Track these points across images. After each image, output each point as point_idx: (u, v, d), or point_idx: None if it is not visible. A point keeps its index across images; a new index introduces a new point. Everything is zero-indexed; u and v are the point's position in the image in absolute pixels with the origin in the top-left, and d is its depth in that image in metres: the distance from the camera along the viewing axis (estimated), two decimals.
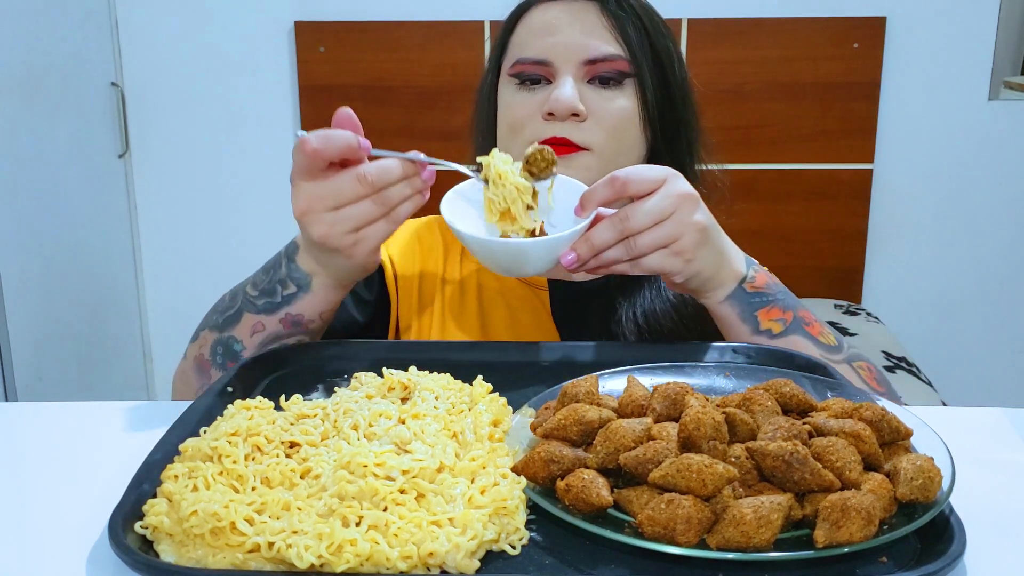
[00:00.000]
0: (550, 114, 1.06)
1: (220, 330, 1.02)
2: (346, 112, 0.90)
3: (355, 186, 0.86)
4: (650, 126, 1.10)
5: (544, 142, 1.03)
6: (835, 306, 2.66)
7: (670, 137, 1.12)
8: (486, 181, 0.94)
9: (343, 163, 0.88)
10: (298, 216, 0.88)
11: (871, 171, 2.68)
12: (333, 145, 0.86)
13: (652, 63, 1.09)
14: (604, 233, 0.89)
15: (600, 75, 1.07)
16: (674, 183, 0.90)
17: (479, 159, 0.95)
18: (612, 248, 0.90)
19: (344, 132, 0.87)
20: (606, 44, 1.07)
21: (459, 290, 1.17)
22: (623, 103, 1.08)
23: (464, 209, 0.94)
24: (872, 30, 2.59)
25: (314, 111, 2.69)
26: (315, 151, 0.85)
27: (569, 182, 0.96)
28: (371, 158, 0.89)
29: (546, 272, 0.93)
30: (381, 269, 1.16)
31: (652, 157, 1.12)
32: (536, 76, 1.08)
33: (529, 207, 0.94)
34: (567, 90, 1.05)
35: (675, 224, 0.89)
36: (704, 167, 1.19)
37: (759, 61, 2.62)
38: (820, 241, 2.73)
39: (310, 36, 2.64)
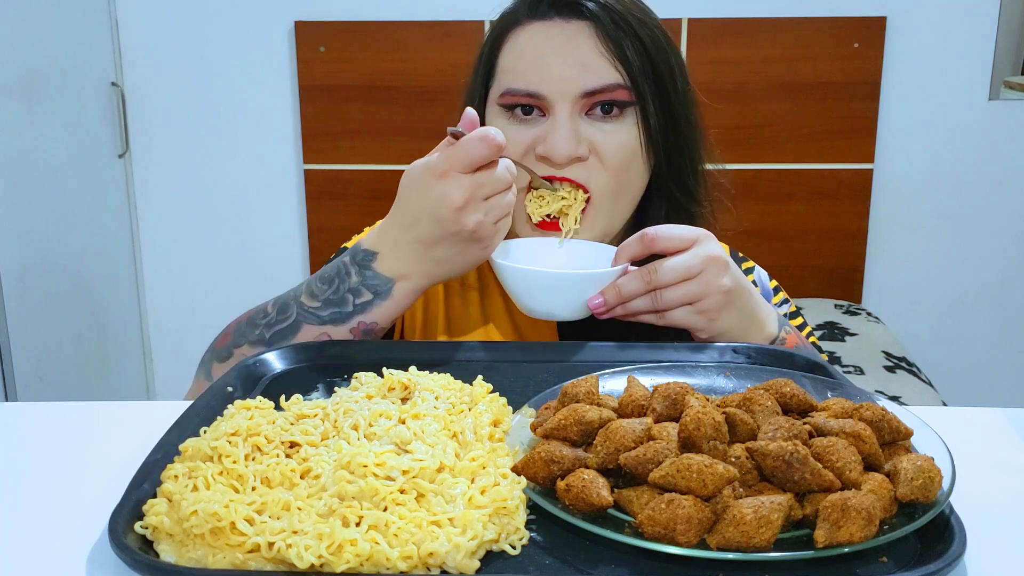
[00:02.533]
0: (544, 156, 1.02)
1: (269, 343, 0.97)
2: (473, 113, 0.93)
3: (506, 177, 0.90)
4: (653, 152, 1.05)
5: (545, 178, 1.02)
6: (835, 306, 2.66)
7: (673, 158, 1.07)
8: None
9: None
10: (456, 208, 0.89)
11: (871, 171, 2.68)
12: (499, 140, 0.89)
13: (654, 86, 1.03)
14: (632, 283, 0.92)
15: (600, 105, 1.02)
16: (705, 244, 0.92)
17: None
18: (639, 299, 0.93)
19: (493, 131, 0.89)
20: (604, 72, 1.00)
21: (462, 302, 1.17)
22: (625, 137, 1.02)
23: (503, 249, 1.00)
24: (872, 30, 2.59)
25: (314, 111, 2.69)
26: (501, 145, 0.88)
27: (597, 246, 1.02)
28: None
29: (574, 316, 0.97)
30: None
31: (654, 180, 1.09)
32: (528, 108, 1.03)
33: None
34: (564, 133, 1.00)
35: (700, 284, 0.91)
36: (706, 167, 1.16)
37: (759, 61, 2.62)
38: (820, 241, 2.73)
39: (310, 36, 2.64)
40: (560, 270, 0.97)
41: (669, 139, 1.06)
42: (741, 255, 1.19)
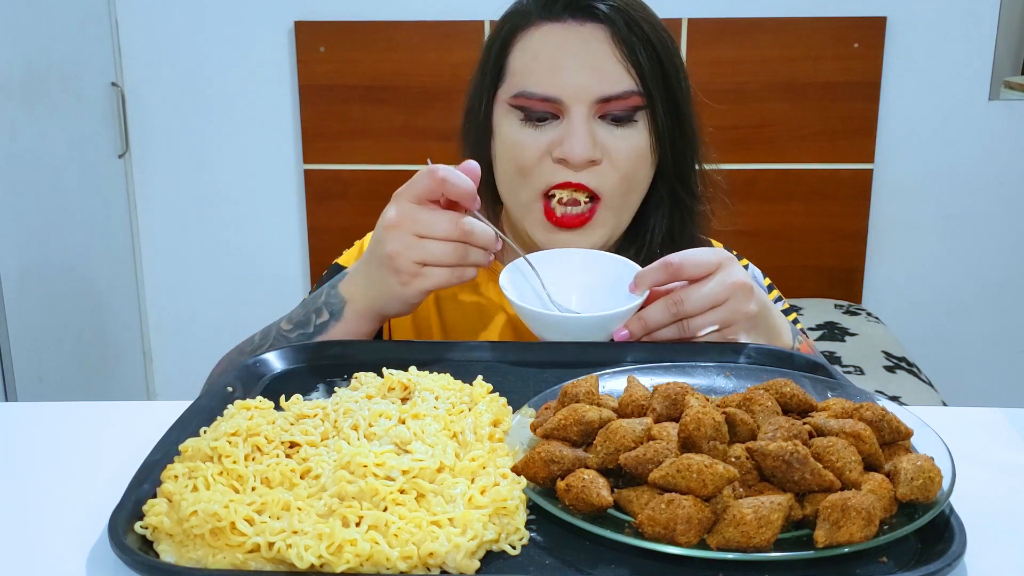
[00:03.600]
0: (561, 159, 1.02)
1: None
2: (474, 165, 0.93)
3: (449, 227, 0.90)
4: (660, 153, 1.06)
5: (557, 186, 1.03)
6: (835, 306, 2.66)
7: (678, 157, 1.08)
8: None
9: (448, 205, 0.92)
10: (384, 227, 0.91)
11: (871, 171, 2.68)
12: (460, 185, 0.89)
13: (663, 89, 1.03)
14: (658, 315, 0.90)
15: (613, 113, 1.02)
16: (729, 270, 0.90)
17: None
18: (666, 328, 0.91)
19: (468, 180, 0.90)
20: (619, 79, 1.01)
21: (458, 309, 1.17)
22: (636, 141, 1.03)
23: (520, 282, 0.99)
24: (872, 30, 2.59)
25: (314, 111, 2.69)
26: (443, 180, 0.89)
27: (614, 258, 1.00)
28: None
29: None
30: None
31: (658, 179, 1.10)
32: (543, 113, 1.03)
33: None
34: (581, 136, 1.00)
35: (728, 311, 0.90)
36: (703, 167, 1.17)
37: (759, 61, 2.62)
38: (820, 241, 2.73)
39: (310, 36, 2.64)
40: (582, 314, 0.95)
41: (676, 140, 1.07)
42: (735, 253, 1.19)
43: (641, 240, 1.12)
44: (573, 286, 1.00)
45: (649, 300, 0.92)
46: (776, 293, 1.20)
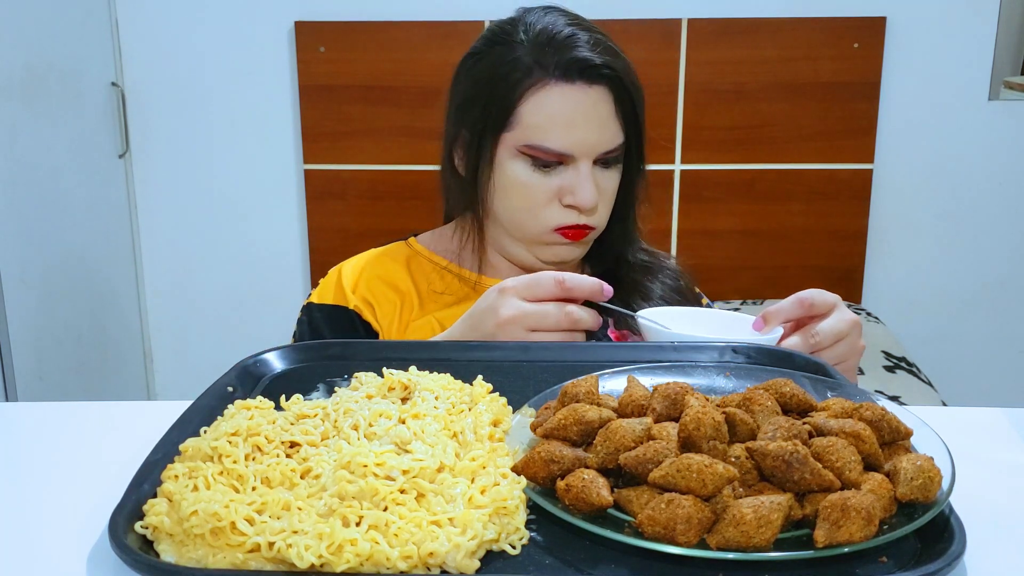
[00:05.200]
0: (572, 205, 1.15)
1: None
2: (608, 289, 1.00)
3: (560, 319, 0.97)
4: (623, 191, 1.22)
5: (563, 229, 1.16)
6: None
7: (632, 178, 1.22)
8: None
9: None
10: (498, 323, 0.97)
11: (871, 171, 2.68)
12: (585, 287, 0.98)
13: (640, 139, 1.19)
14: (799, 345, 0.99)
15: (605, 159, 1.16)
16: (844, 309, 1.01)
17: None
18: None
19: (591, 280, 0.98)
20: (616, 134, 1.15)
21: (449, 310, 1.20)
22: (617, 178, 1.19)
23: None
24: (872, 30, 2.59)
25: (314, 111, 2.69)
26: (570, 289, 0.97)
27: (717, 313, 1.09)
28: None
29: None
30: (366, 323, 1.21)
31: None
32: (553, 162, 1.15)
33: None
34: (591, 190, 1.14)
35: (847, 346, 0.99)
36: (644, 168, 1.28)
37: (759, 61, 2.62)
38: (820, 241, 2.73)
39: (310, 36, 2.64)
40: (731, 337, 0.97)
41: (635, 165, 1.21)
42: (698, 291, 1.32)
43: (598, 256, 1.27)
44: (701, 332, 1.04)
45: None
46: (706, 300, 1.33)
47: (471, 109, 1.18)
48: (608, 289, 0.99)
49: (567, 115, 1.13)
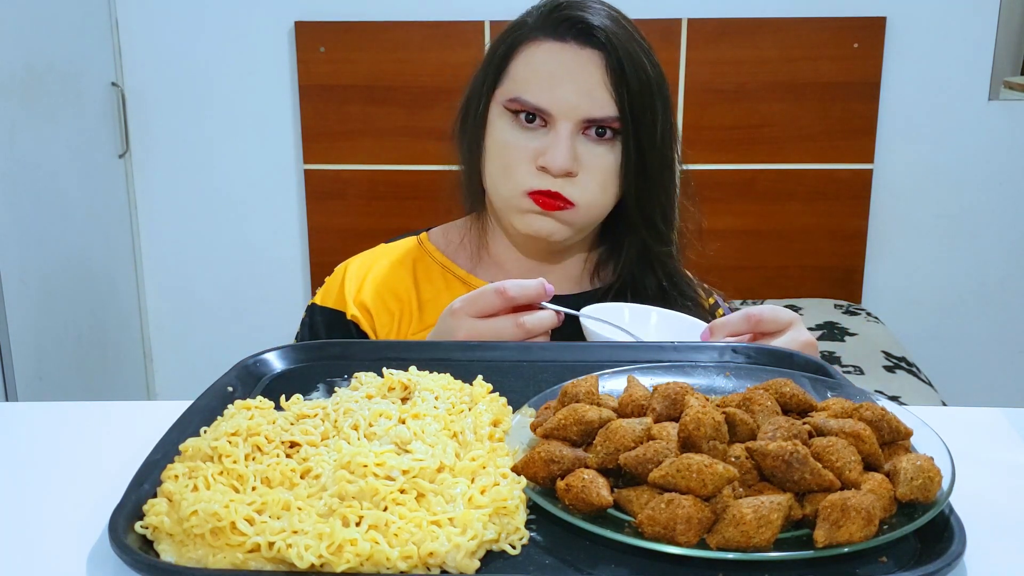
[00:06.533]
0: (544, 167, 1.10)
1: None
2: (549, 287, 0.98)
3: (513, 331, 0.96)
4: (625, 181, 1.14)
5: (535, 193, 1.10)
6: (835, 306, 2.66)
7: (642, 195, 1.16)
8: None
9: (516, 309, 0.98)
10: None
11: (871, 171, 2.68)
12: (527, 290, 0.96)
13: (638, 126, 1.12)
14: None
15: (596, 131, 1.11)
16: (799, 328, 0.97)
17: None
18: None
19: (531, 282, 0.96)
20: (605, 104, 1.10)
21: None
22: (611, 159, 1.13)
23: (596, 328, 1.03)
24: (872, 30, 2.59)
25: (314, 111, 2.69)
26: (512, 298, 0.96)
27: (668, 314, 1.06)
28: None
29: None
30: (363, 334, 1.20)
31: (618, 209, 1.17)
32: (533, 116, 1.11)
33: None
34: (564, 152, 1.09)
35: None
36: (674, 200, 1.24)
37: (759, 61, 2.62)
38: (820, 241, 2.73)
39: (310, 36, 2.64)
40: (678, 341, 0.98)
41: (640, 177, 1.14)
42: (707, 287, 1.29)
43: (615, 264, 1.22)
44: (643, 335, 1.04)
45: None
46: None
47: (475, 76, 1.18)
48: (550, 288, 0.97)
49: (551, 70, 1.10)
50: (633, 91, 1.10)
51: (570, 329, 1.04)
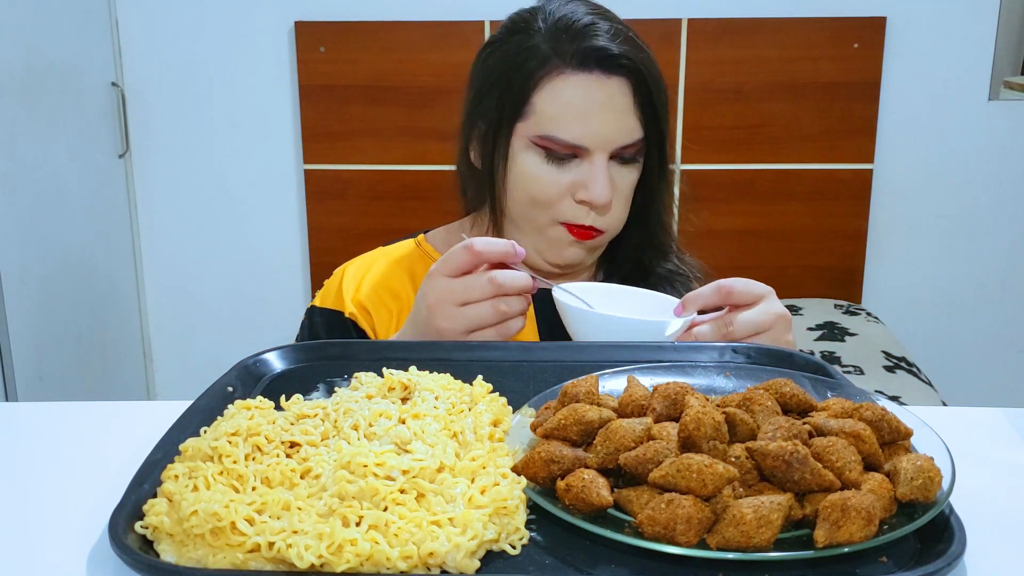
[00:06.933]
0: (585, 201, 1.11)
1: None
2: (520, 249, 0.97)
3: (484, 286, 0.94)
4: (639, 195, 1.17)
5: (571, 226, 1.12)
6: (835, 306, 2.66)
7: (643, 202, 1.18)
8: None
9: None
10: (428, 307, 0.97)
11: (871, 171, 2.68)
12: (496, 248, 0.95)
13: (662, 139, 1.15)
14: (708, 334, 0.96)
15: (623, 155, 1.12)
16: (772, 301, 0.97)
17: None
18: None
19: (502, 241, 0.95)
20: (634, 128, 1.11)
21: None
22: (634, 176, 1.15)
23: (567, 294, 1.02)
24: (872, 30, 2.59)
25: (314, 111, 2.69)
26: (480, 253, 0.94)
27: (636, 291, 1.06)
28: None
29: None
30: (362, 332, 1.20)
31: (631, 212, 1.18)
32: (567, 155, 1.11)
33: None
34: (605, 186, 1.10)
35: (769, 339, 0.95)
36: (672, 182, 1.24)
37: (759, 61, 2.62)
38: (820, 241, 2.73)
39: (310, 36, 2.64)
40: (636, 316, 0.97)
41: (657, 168, 1.17)
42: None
43: (616, 269, 1.23)
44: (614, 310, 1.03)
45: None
46: None
47: (487, 99, 1.15)
48: (520, 251, 0.96)
49: (582, 105, 1.09)
50: (659, 112, 1.13)
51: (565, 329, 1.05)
